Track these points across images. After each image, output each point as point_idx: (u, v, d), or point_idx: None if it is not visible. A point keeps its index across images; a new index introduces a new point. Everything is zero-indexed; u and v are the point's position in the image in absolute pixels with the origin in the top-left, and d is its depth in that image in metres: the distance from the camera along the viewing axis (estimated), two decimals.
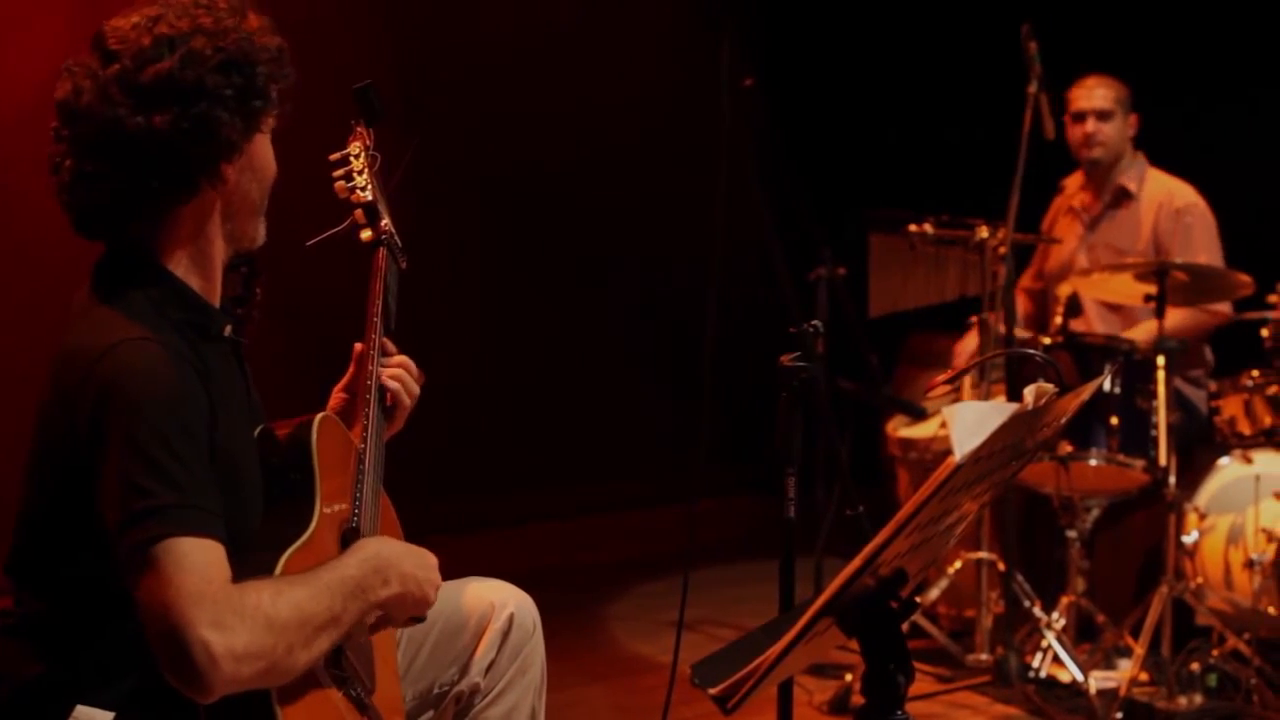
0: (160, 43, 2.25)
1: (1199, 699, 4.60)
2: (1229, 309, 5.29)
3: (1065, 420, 2.36)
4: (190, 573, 2.05)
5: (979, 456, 1.94)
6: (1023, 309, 5.56)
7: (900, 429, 5.58)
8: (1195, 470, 5.01)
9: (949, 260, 5.48)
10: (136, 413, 2.12)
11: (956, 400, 5.25)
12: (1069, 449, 4.79)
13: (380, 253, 2.73)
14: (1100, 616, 4.92)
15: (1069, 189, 5.73)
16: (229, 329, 2.40)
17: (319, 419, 2.40)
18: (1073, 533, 4.99)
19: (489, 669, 2.71)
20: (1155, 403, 4.73)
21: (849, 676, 4.73)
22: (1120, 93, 5.48)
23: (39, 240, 4.49)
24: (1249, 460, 4.89)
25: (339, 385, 2.74)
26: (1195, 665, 4.63)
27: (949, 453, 1.90)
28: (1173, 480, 4.70)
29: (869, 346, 5.35)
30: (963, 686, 4.88)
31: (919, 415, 5.48)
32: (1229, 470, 4.93)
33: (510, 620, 2.72)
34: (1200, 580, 4.84)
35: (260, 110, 2.34)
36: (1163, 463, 4.71)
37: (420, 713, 2.71)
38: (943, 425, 5.13)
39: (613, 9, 7.30)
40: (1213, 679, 4.65)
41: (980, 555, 5.05)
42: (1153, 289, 4.77)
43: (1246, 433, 4.98)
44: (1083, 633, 5.06)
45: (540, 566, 6.09)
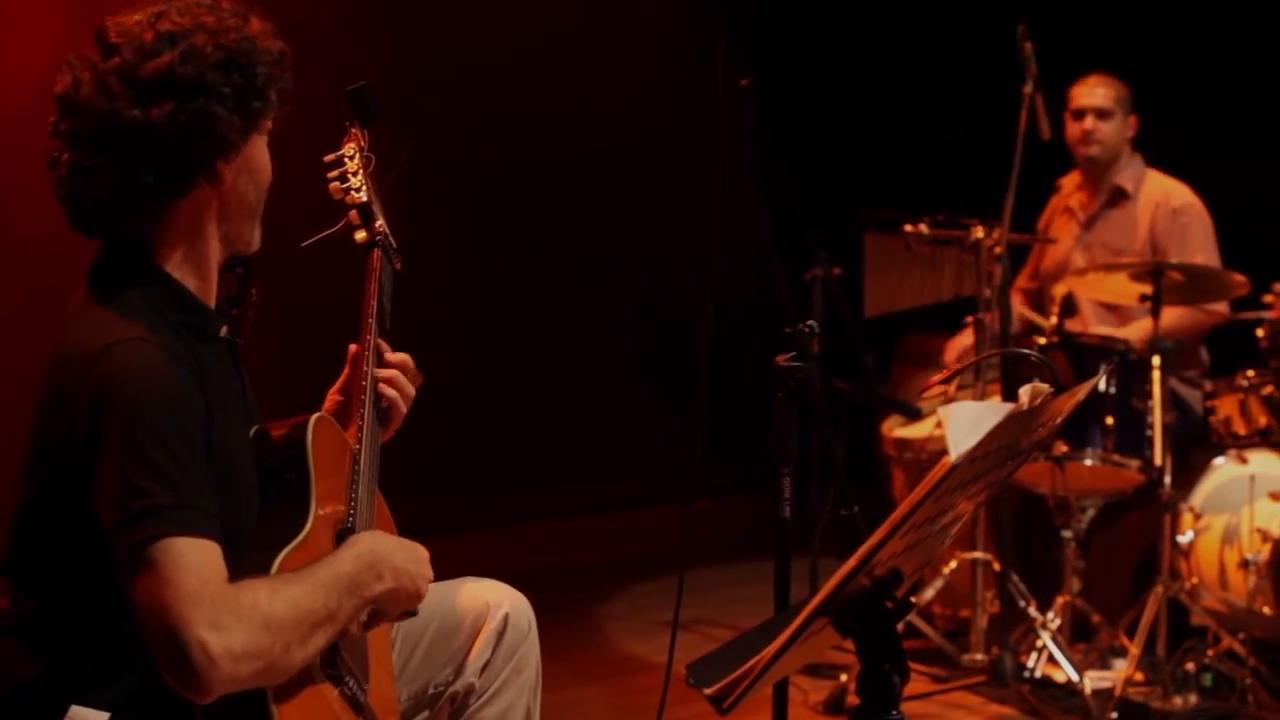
0: (162, 38, 2.25)
1: (1194, 699, 4.60)
2: (1226, 308, 5.29)
3: (1060, 420, 2.36)
4: (187, 573, 2.05)
5: (974, 456, 1.94)
6: (1017, 312, 5.57)
7: (895, 429, 5.59)
8: (1190, 470, 5.01)
9: (944, 260, 5.48)
10: (133, 413, 2.12)
11: (952, 400, 5.25)
12: (1064, 449, 4.79)
13: (375, 254, 2.73)
14: (1095, 616, 4.93)
15: (1066, 188, 5.73)
16: (225, 330, 2.40)
17: (314, 419, 2.40)
18: (1068, 533, 5.00)
19: (484, 669, 2.71)
20: (1150, 403, 4.74)
21: (844, 676, 4.73)
22: (1121, 92, 5.49)
23: (36, 239, 4.48)
24: (1244, 460, 4.89)
25: (334, 387, 2.74)
26: (1190, 665, 4.64)
27: (944, 453, 1.90)
28: (1168, 480, 4.71)
29: (864, 347, 5.35)
30: (958, 686, 4.88)
31: (914, 415, 5.48)
32: (1224, 470, 4.94)
33: (505, 620, 2.72)
34: (1195, 580, 4.85)
35: (259, 111, 2.33)
36: (1158, 463, 4.71)
37: (415, 713, 2.70)
38: (938, 425, 5.14)
39: (608, 10, 7.30)
40: (1208, 679, 4.65)
41: (975, 555, 5.05)
42: (1148, 289, 4.78)
43: (1242, 433, 4.99)
44: (1078, 633, 5.06)
45: (536, 566, 6.07)
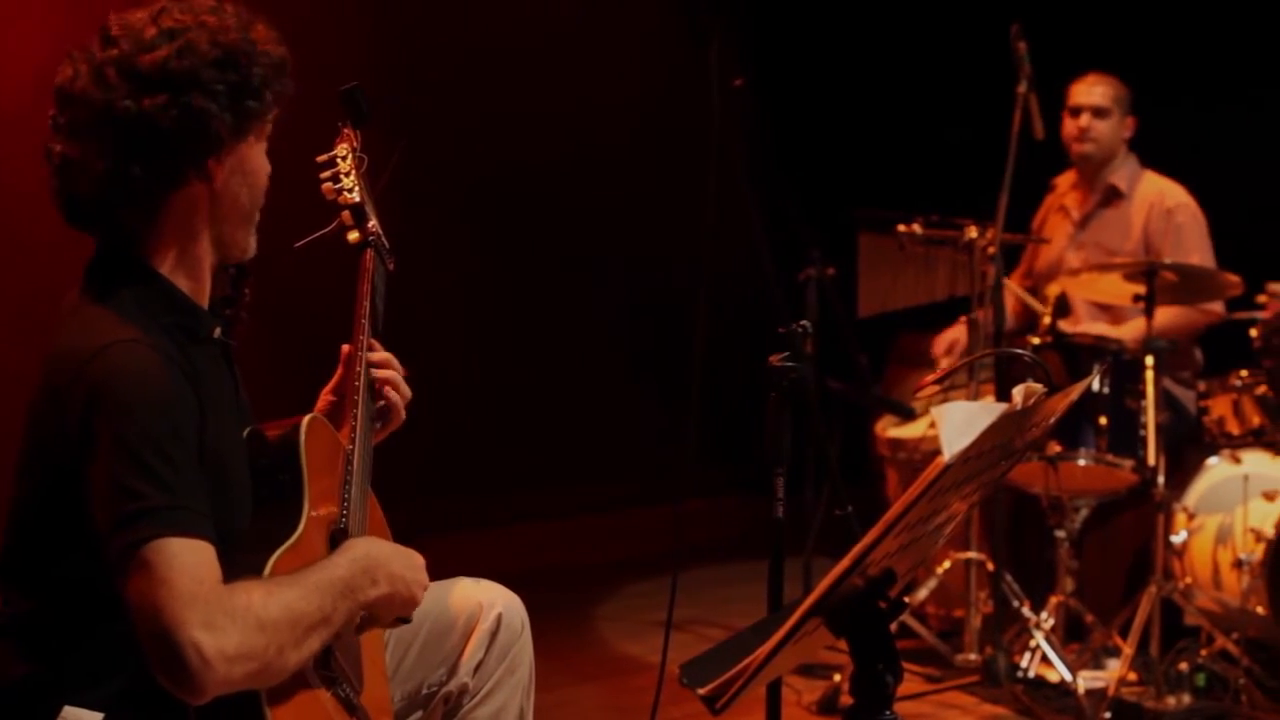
0: (161, 33, 2.27)
1: (1187, 699, 4.60)
2: (1221, 308, 5.29)
3: (1054, 420, 2.36)
4: (181, 574, 2.05)
5: (968, 456, 1.94)
6: (1012, 308, 5.56)
7: (889, 429, 5.59)
8: (1184, 470, 5.01)
9: (938, 260, 5.48)
10: (127, 414, 2.12)
11: (946, 400, 5.25)
12: (1058, 449, 4.79)
13: (367, 254, 2.73)
14: (1089, 616, 4.93)
15: (1061, 187, 5.73)
16: (218, 331, 2.40)
17: (307, 420, 2.40)
18: (1061, 533, 4.99)
19: (477, 669, 2.71)
20: (1144, 403, 4.73)
21: (837, 676, 4.72)
22: (1120, 93, 5.48)
23: (33, 239, 4.49)
24: (1237, 460, 4.90)
25: (327, 387, 2.74)
26: (1184, 665, 4.64)
27: (938, 453, 1.90)
28: (1161, 480, 4.71)
29: (858, 347, 5.35)
30: (951, 686, 4.88)
31: (908, 415, 5.48)
32: (1217, 470, 4.94)
33: (498, 620, 2.72)
34: (1189, 580, 4.85)
35: (253, 111, 2.33)
36: (1151, 463, 4.71)
37: (409, 713, 2.70)
38: (932, 425, 5.15)
39: (602, 9, 7.30)
40: (1201, 679, 4.66)
41: (969, 555, 5.05)
42: (1141, 289, 4.78)
43: (1235, 433, 4.99)
44: (1071, 633, 5.06)
45: (529, 566, 6.08)
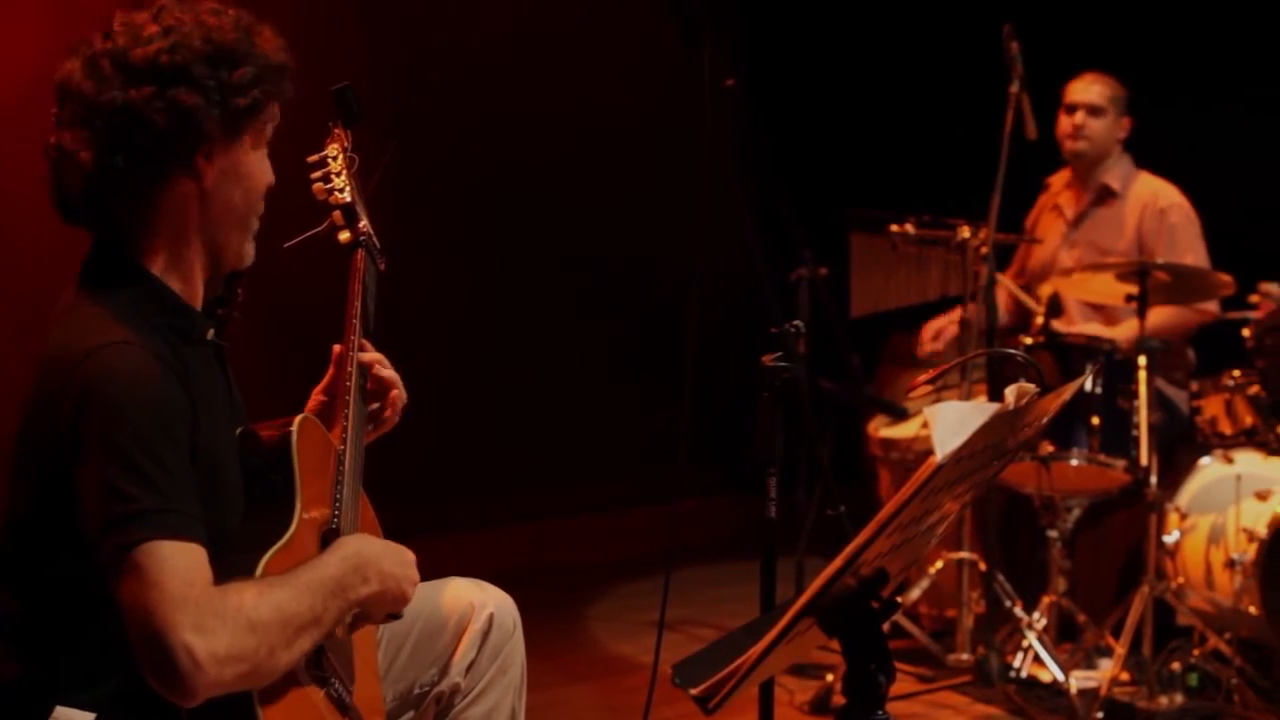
0: (159, 30, 2.29)
1: (1180, 699, 4.60)
2: (1216, 308, 5.29)
3: (1046, 420, 2.36)
4: (172, 576, 2.05)
5: (960, 456, 1.94)
6: (1005, 304, 5.57)
7: (882, 429, 5.59)
8: (1176, 470, 5.01)
9: (931, 260, 5.48)
10: (118, 416, 2.12)
11: (938, 400, 5.25)
12: (1050, 449, 4.79)
13: (358, 254, 2.73)
14: (1081, 616, 4.93)
15: (1054, 187, 5.73)
16: (210, 332, 2.40)
17: (299, 421, 2.40)
18: (1054, 533, 5.00)
19: (469, 669, 2.71)
20: (1136, 403, 4.74)
21: (830, 676, 4.73)
22: (1117, 92, 5.48)
23: (30, 239, 4.48)
24: (1230, 460, 4.90)
25: (318, 387, 2.74)
26: (1176, 665, 4.64)
27: (930, 453, 1.90)
28: (1154, 480, 4.71)
29: (850, 347, 5.36)
30: (944, 686, 4.88)
31: (900, 415, 5.48)
32: (1210, 470, 4.94)
33: (490, 620, 2.72)
34: (1181, 580, 4.85)
35: (245, 111, 2.33)
36: (1144, 463, 4.71)
37: (401, 713, 2.70)
38: (924, 425, 5.13)
39: (595, 10, 7.29)
40: (1194, 679, 4.66)
41: (961, 555, 5.05)
42: (1134, 289, 4.78)
43: (1228, 433, 4.99)
44: (1064, 632, 5.07)
45: (522, 566, 6.09)
